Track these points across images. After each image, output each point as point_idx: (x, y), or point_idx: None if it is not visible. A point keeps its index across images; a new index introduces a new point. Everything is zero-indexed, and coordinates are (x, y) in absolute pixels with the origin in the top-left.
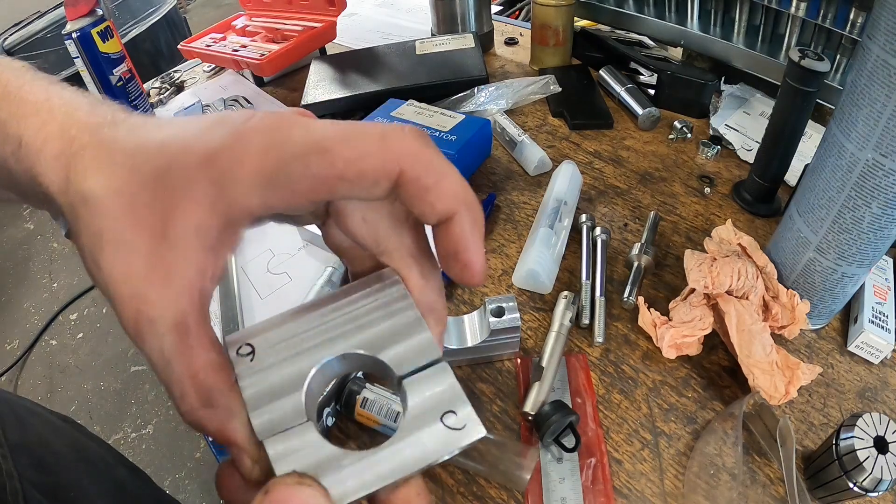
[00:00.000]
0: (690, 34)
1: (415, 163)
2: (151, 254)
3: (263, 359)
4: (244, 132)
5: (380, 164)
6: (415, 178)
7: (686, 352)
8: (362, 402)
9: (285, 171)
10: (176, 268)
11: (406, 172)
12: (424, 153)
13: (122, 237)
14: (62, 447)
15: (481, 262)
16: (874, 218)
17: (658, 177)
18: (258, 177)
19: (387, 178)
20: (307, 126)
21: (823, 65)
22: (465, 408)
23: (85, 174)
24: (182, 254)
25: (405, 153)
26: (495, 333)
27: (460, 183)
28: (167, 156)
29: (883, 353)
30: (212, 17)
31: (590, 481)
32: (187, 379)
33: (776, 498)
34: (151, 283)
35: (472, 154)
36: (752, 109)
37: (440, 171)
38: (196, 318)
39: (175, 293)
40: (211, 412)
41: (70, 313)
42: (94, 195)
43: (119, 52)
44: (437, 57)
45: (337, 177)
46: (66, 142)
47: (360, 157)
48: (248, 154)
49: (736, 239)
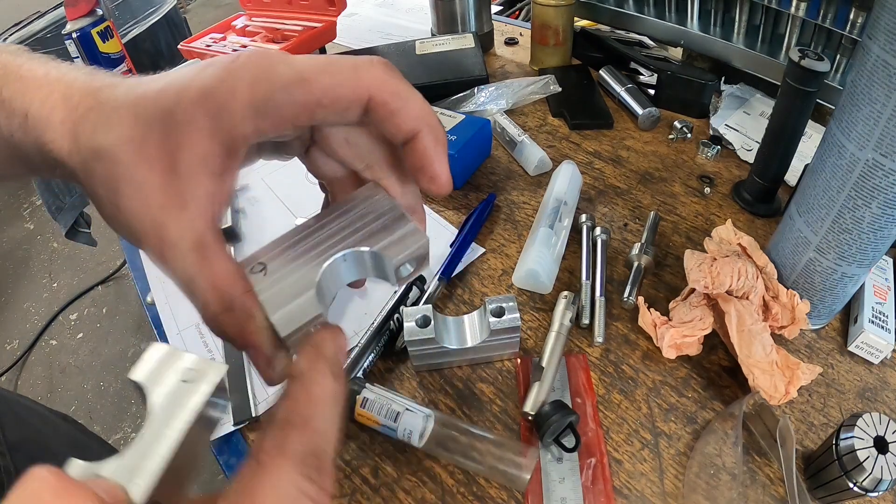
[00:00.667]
0: (690, 34)
1: (382, 89)
2: (165, 186)
3: (274, 271)
4: (234, 69)
5: (352, 91)
6: (382, 102)
7: (686, 352)
8: (362, 402)
9: (273, 100)
10: (189, 195)
11: (375, 98)
12: (391, 81)
13: (137, 177)
14: (61, 445)
15: (445, 174)
16: (874, 218)
17: (658, 177)
18: (250, 106)
19: (358, 103)
20: (290, 61)
21: (823, 65)
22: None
23: (94, 132)
24: (193, 182)
25: (374, 81)
26: (495, 333)
27: (423, 106)
28: (167, 99)
29: (883, 353)
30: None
31: (590, 481)
32: (209, 288)
33: (776, 498)
34: (169, 211)
35: (472, 154)
36: (752, 109)
37: (404, 96)
38: (212, 236)
39: (191, 217)
40: (231, 315)
41: (70, 313)
42: (104, 148)
43: (119, 52)
44: (437, 57)
45: (315, 103)
46: (70, 108)
47: (335, 86)
48: (240, 87)
49: (736, 239)
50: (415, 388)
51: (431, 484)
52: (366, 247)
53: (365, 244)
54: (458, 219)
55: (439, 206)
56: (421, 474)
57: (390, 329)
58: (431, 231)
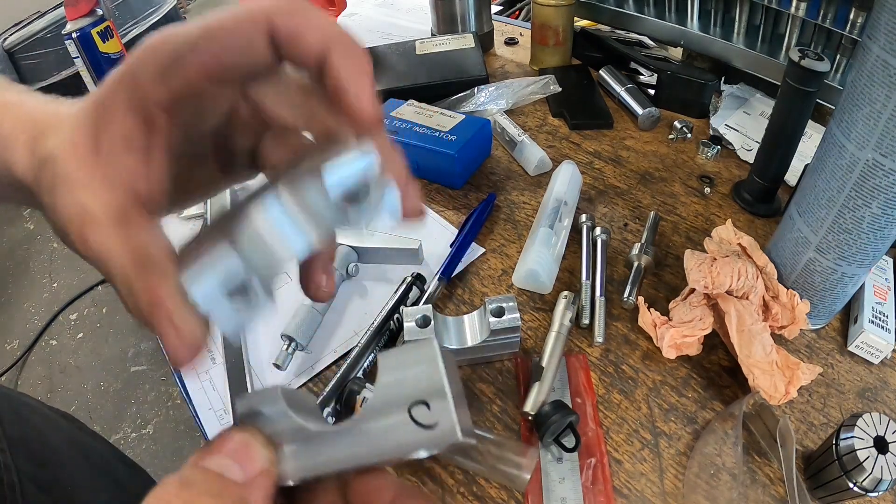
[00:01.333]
0: (690, 34)
1: (280, 13)
2: (91, 172)
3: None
4: (148, 43)
5: (251, 27)
6: (283, 26)
7: (686, 352)
8: (362, 402)
9: (178, 58)
10: (110, 172)
11: (274, 21)
12: (290, 4)
13: (69, 171)
14: (60, 442)
15: (367, 103)
16: (874, 218)
17: (658, 177)
18: (157, 68)
19: (259, 33)
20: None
21: (823, 65)
22: (442, 401)
23: (45, 142)
24: (115, 159)
25: (272, 8)
26: (495, 333)
27: (330, 24)
28: (99, 96)
29: (883, 353)
30: None
31: (590, 481)
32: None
33: (776, 498)
34: (91, 191)
35: (472, 154)
36: (752, 109)
37: (307, 15)
38: (138, 211)
39: (112, 191)
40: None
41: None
42: (48, 153)
43: (119, 52)
44: (437, 57)
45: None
46: (31, 126)
47: (231, 22)
48: (148, 56)
49: (736, 239)
50: None
51: (431, 484)
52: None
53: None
54: (458, 219)
55: (439, 206)
56: (421, 474)
57: (390, 329)
58: (431, 231)
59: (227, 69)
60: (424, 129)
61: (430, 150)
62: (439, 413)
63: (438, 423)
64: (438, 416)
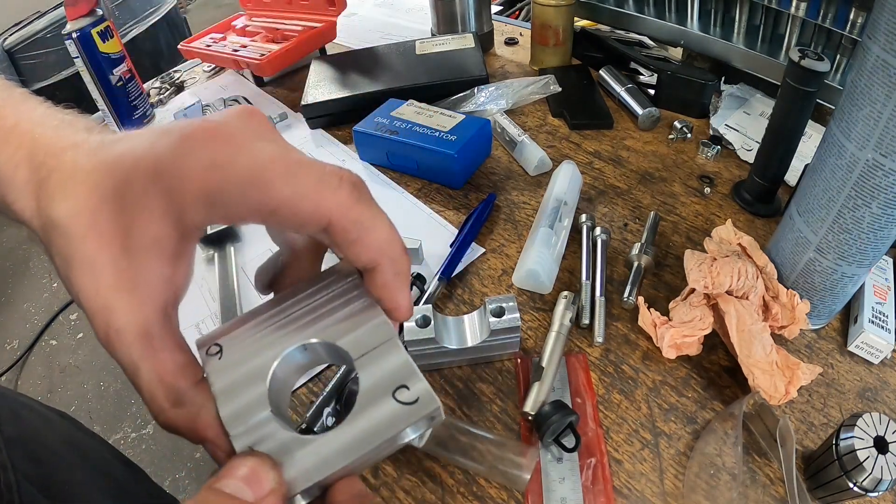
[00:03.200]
0: (690, 34)
1: (343, 217)
2: (116, 267)
3: (230, 355)
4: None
5: (311, 210)
6: (342, 230)
7: (686, 352)
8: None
9: (225, 195)
10: (139, 279)
11: (334, 224)
12: (355, 208)
13: (88, 255)
14: (58, 442)
15: (405, 306)
16: (874, 218)
17: (658, 177)
18: (201, 195)
19: (316, 224)
20: (252, 150)
21: (823, 65)
22: (419, 382)
23: (51, 200)
24: (144, 265)
25: (336, 205)
26: (495, 333)
27: (386, 236)
28: (122, 171)
29: (883, 353)
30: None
31: (590, 481)
32: (155, 382)
33: (776, 498)
34: (117, 294)
35: (472, 154)
36: (752, 109)
37: (367, 225)
38: (161, 324)
39: (139, 302)
40: (180, 411)
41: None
42: (60, 220)
43: (119, 52)
44: (437, 57)
45: (270, 212)
46: (34, 168)
47: (293, 200)
48: (194, 172)
49: (736, 239)
50: None
51: (431, 484)
52: (327, 339)
53: (326, 335)
54: (458, 219)
55: (439, 206)
56: (421, 474)
57: None
58: (431, 231)
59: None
60: (424, 129)
61: (430, 150)
62: (418, 391)
63: (419, 398)
64: (418, 392)
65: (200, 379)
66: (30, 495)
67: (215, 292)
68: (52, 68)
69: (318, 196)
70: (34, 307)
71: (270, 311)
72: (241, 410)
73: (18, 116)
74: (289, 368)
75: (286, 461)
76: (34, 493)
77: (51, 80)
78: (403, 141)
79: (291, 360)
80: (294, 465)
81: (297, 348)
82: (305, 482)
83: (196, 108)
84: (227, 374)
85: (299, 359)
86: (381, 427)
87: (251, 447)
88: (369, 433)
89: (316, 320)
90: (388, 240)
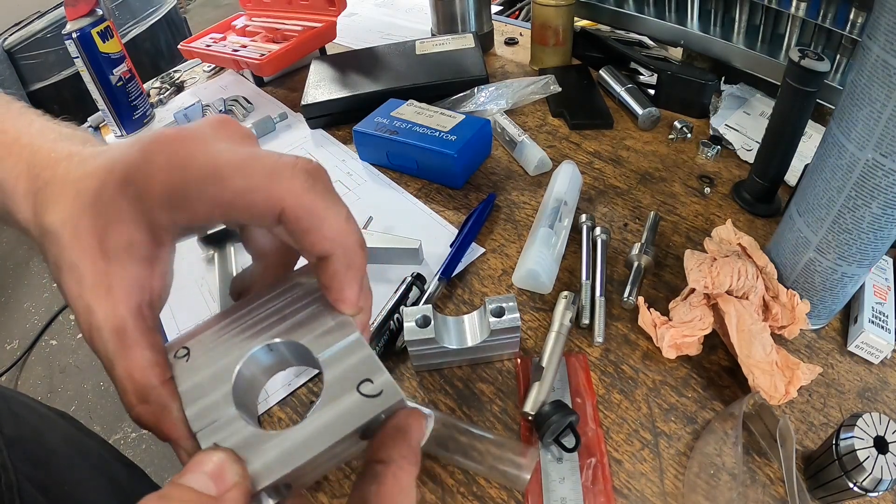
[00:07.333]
0: (690, 34)
1: (295, 205)
2: (94, 270)
3: (197, 358)
4: (150, 151)
5: (264, 200)
6: (294, 218)
7: (686, 352)
8: None
9: (186, 192)
10: (114, 281)
11: (286, 212)
12: (306, 196)
13: (73, 260)
14: (57, 442)
15: (350, 299)
16: (874, 218)
17: (658, 177)
18: (164, 195)
19: (270, 213)
20: (209, 150)
21: (823, 65)
22: (382, 375)
23: (45, 209)
24: (118, 268)
25: (287, 193)
26: (495, 333)
27: (340, 227)
28: (97, 180)
29: (883, 353)
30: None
31: (590, 481)
32: (126, 377)
33: (776, 498)
34: (96, 296)
35: (472, 154)
36: (752, 109)
37: (321, 214)
38: (135, 323)
39: (114, 302)
40: (147, 407)
41: (70, 313)
42: (51, 228)
43: (119, 52)
44: (437, 57)
45: (227, 204)
46: (32, 180)
47: (247, 191)
48: (156, 174)
49: (736, 239)
50: (415, 388)
51: (431, 484)
52: (289, 338)
53: (290, 335)
54: (458, 219)
55: (439, 206)
56: (421, 474)
57: (390, 329)
58: (431, 231)
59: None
60: (424, 129)
61: (430, 150)
62: (382, 383)
63: (384, 390)
64: (382, 385)
65: (169, 378)
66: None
67: (215, 292)
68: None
69: (270, 185)
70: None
71: (237, 313)
72: (207, 409)
73: (19, 131)
74: (255, 369)
75: (250, 456)
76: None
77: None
78: (403, 141)
79: (257, 361)
80: (258, 459)
81: (261, 349)
82: (270, 476)
83: (196, 108)
84: (193, 375)
85: (265, 359)
86: (345, 419)
87: (216, 444)
88: (333, 426)
89: (280, 321)
90: (341, 230)
